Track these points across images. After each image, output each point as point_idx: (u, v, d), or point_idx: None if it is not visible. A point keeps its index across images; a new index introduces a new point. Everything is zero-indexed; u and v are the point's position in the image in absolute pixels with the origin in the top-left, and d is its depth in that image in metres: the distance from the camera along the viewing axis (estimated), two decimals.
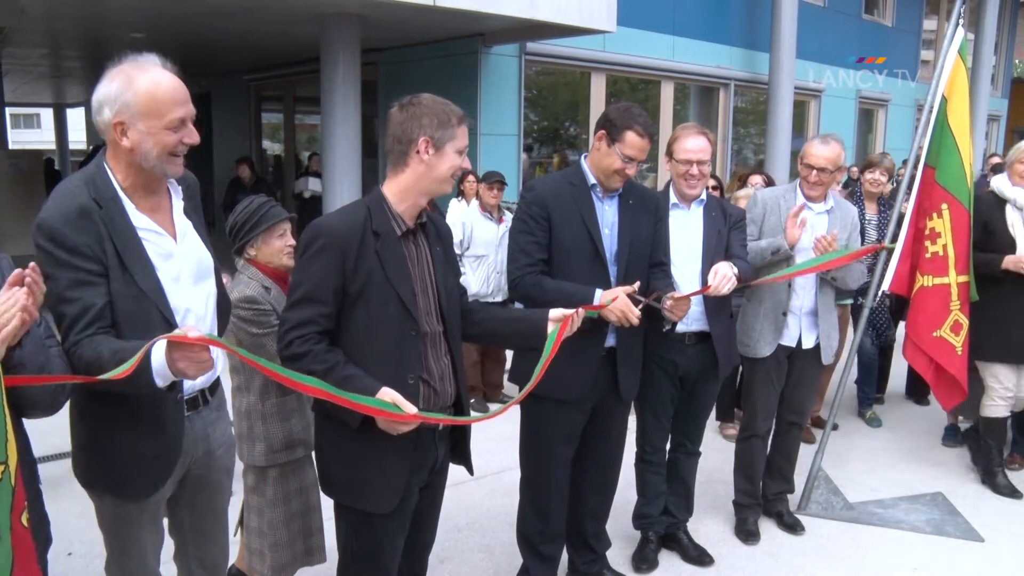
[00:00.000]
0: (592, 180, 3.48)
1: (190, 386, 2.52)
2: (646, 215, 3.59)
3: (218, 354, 2.45)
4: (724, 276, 3.57)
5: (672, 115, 13.40)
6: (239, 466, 3.43)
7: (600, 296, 3.31)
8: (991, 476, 5.18)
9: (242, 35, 10.81)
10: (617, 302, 3.24)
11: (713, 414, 5.29)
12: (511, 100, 11.09)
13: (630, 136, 3.34)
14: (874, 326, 6.31)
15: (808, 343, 4.38)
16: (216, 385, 2.69)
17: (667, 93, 13.28)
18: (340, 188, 8.90)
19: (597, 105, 12.07)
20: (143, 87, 2.31)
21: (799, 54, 13.73)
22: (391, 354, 2.59)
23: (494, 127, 10.91)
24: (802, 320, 4.36)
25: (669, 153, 3.97)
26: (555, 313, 2.84)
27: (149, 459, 2.46)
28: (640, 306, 3.29)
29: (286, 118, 15.74)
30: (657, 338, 3.88)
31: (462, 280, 6.22)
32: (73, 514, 3.96)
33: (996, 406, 5.08)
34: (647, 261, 3.60)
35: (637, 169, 3.46)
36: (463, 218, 6.68)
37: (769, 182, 6.47)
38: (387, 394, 2.46)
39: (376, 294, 2.57)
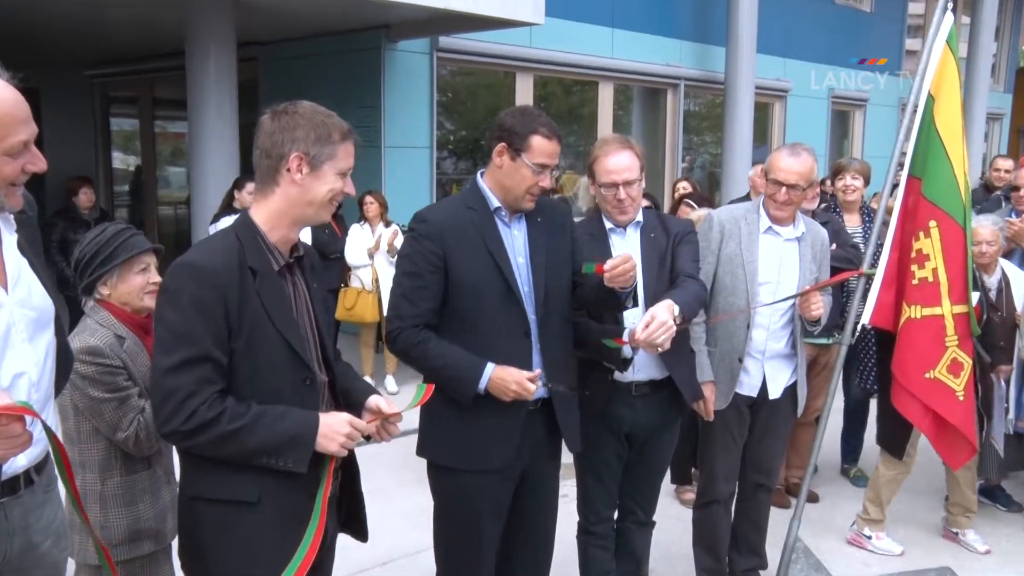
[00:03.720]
0: (495, 203, 3.44)
1: (10, 467, 2.36)
2: (560, 231, 3.61)
3: (51, 422, 2.33)
4: (659, 324, 3.36)
5: (612, 121, 13.55)
6: (71, 565, 3.27)
7: (489, 374, 3.31)
8: None
9: (82, 18, 10.39)
10: (510, 382, 3.29)
11: (668, 476, 5.28)
12: (421, 106, 11.08)
13: (537, 142, 3.34)
14: (859, 367, 6.37)
15: (775, 391, 4.41)
16: (46, 461, 2.53)
17: (606, 96, 13.44)
18: (212, 210, 8.70)
19: None
20: None
21: (760, 48, 14.05)
22: None
23: (402, 138, 10.89)
24: (765, 365, 4.39)
25: (591, 175, 3.97)
26: (372, 403, 2.83)
27: None
28: (538, 384, 3.34)
29: (143, 125, 15.44)
30: (598, 388, 3.88)
31: None
32: None
33: None
34: (568, 287, 3.60)
35: (551, 178, 3.46)
36: None
37: (700, 198, 6.53)
38: None
39: (262, 343, 2.57)
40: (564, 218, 3.69)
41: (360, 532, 3.02)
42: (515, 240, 3.48)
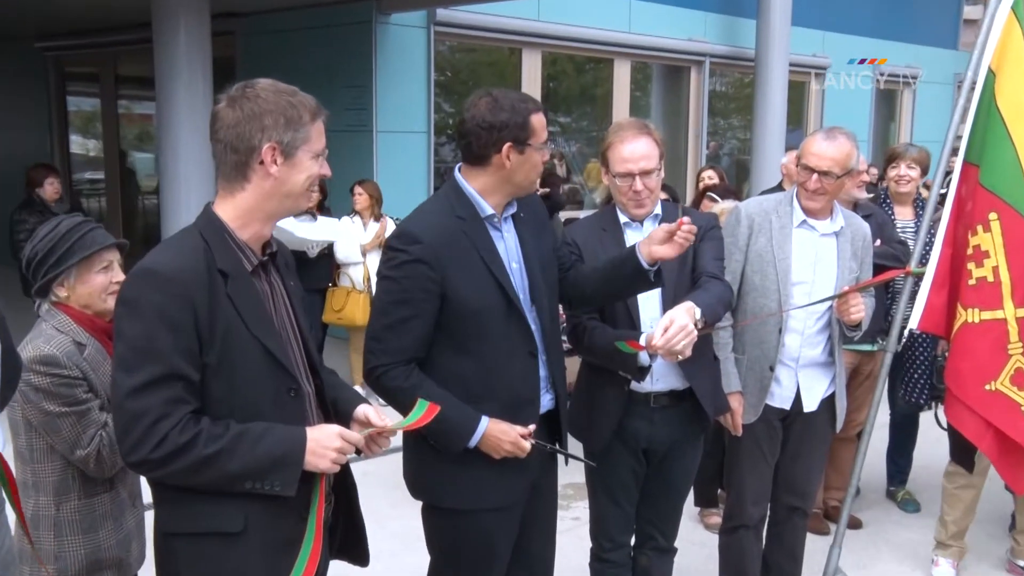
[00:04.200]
0: (487, 210, 3.39)
1: None
2: (542, 225, 3.64)
3: None
4: (679, 328, 3.35)
5: (629, 103, 13.53)
6: None
7: (483, 430, 3.29)
8: None
9: None
10: (504, 440, 3.29)
11: (691, 498, 5.24)
12: (418, 86, 11.09)
13: (536, 120, 3.33)
14: (905, 377, 6.24)
15: (810, 404, 4.40)
16: None
17: (622, 75, 13.42)
18: (185, 201, 8.66)
19: (531, 90, 12.11)
20: None
21: (796, 20, 13.95)
22: None
23: (396, 122, 10.89)
24: (799, 374, 4.37)
25: (604, 163, 3.96)
26: (360, 413, 2.83)
27: None
28: (532, 443, 3.33)
29: (105, 105, 15.39)
30: (612, 399, 3.88)
31: None
32: None
33: None
34: (556, 287, 3.63)
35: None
36: None
37: (726, 190, 6.50)
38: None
39: (239, 353, 2.54)
40: (541, 209, 3.72)
41: (360, 557, 3.01)
42: (507, 243, 3.47)
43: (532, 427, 3.33)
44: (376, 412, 2.81)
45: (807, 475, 4.57)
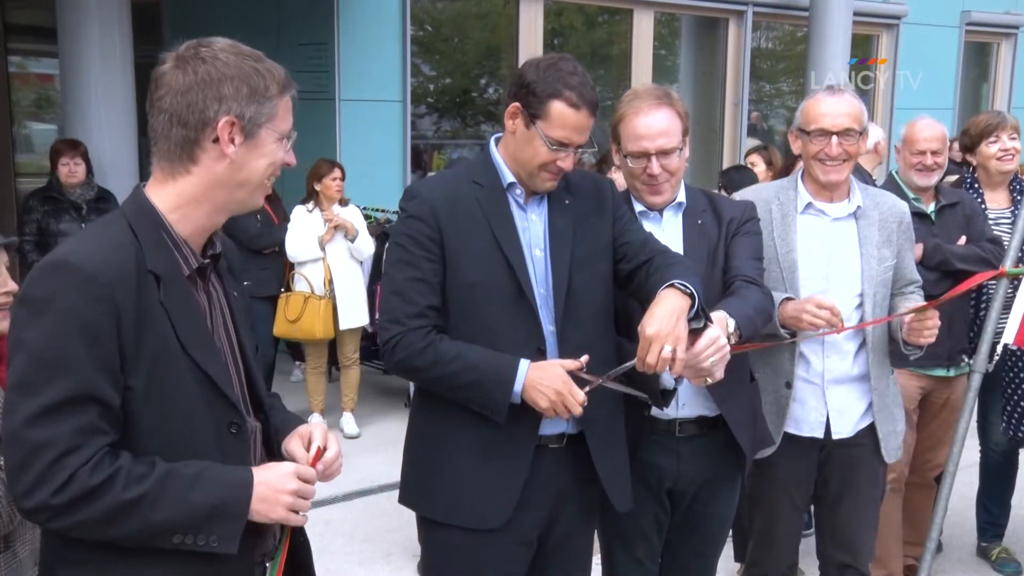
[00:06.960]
0: (510, 177, 3.52)
1: None
2: (597, 215, 3.65)
3: None
4: (709, 343, 3.35)
5: (652, 65, 13.53)
6: None
7: (524, 372, 3.32)
8: None
9: None
10: (551, 379, 3.30)
11: (729, 550, 5.26)
12: (390, 44, 11.11)
13: (557, 109, 3.36)
14: (1005, 405, 6.14)
15: (842, 428, 4.36)
16: None
17: (643, 29, 13.42)
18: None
19: (531, 50, 12.11)
20: None
21: None
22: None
23: (363, 88, 10.92)
24: (828, 393, 4.35)
25: (615, 138, 3.99)
26: (294, 443, 2.78)
27: None
28: (588, 389, 3.32)
29: None
30: (632, 428, 3.86)
31: None
32: None
33: None
34: (605, 288, 3.64)
35: (576, 158, 3.50)
36: None
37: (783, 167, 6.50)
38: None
39: (171, 377, 2.50)
40: (603, 196, 3.72)
41: None
42: (532, 226, 3.54)
43: (585, 359, 3.33)
44: (321, 432, 2.77)
45: (853, 523, 4.52)
